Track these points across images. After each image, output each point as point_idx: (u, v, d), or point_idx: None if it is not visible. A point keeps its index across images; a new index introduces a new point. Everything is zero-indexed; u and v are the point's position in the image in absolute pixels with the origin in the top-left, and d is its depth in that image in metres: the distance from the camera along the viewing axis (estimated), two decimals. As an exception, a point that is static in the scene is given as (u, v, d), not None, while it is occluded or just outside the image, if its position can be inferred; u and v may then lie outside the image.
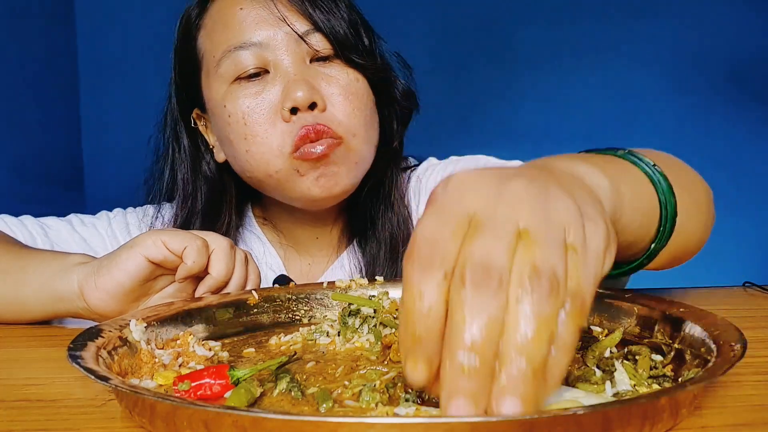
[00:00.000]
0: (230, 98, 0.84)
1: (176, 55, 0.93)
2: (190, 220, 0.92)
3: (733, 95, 2.58)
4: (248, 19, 0.84)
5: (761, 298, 0.84)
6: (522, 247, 0.35)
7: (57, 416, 0.46)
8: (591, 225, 0.37)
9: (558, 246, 0.35)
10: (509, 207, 0.36)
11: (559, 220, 0.36)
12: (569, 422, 0.35)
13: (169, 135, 0.95)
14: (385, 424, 0.34)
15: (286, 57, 0.83)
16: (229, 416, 0.36)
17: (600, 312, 0.63)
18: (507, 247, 0.34)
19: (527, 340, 0.33)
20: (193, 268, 0.68)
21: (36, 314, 0.75)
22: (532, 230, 0.35)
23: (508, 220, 0.35)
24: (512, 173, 0.38)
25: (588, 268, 0.36)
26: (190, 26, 0.90)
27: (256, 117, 0.82)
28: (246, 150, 0.84)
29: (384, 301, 0.66)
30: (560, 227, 0.36)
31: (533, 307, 0.33)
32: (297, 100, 0.80)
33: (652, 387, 0.46)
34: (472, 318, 0.33)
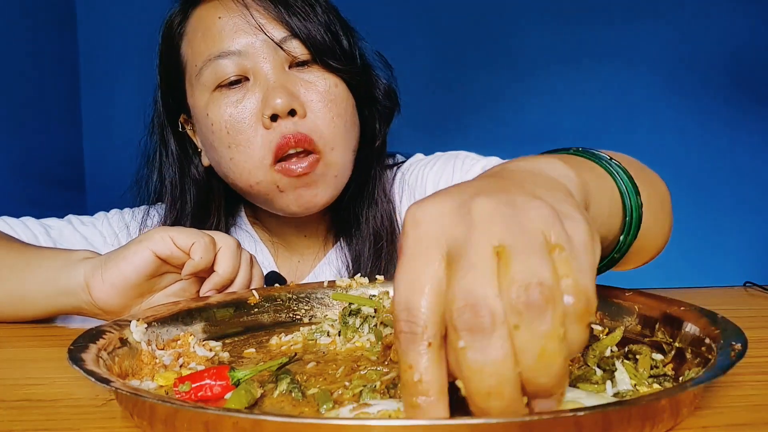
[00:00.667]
0: (212, 107, 0.85)
1: (160, 61, 0.94)
2: (180, 223, 0.93)
3: (734, 96, 2.58)
4: (226, 27, 0.85)
5: (762, 297, 0.84)
6: (503, 267, 0.33)
7: (57, 416, 0.46)
8: (569, 222, 0.35)
9: (539, 252, 0.33)
10: (479, 231, 0.34)
11: (535, 227, 0.34)
12: (569, 423, 0.35)
13: (157, 139, 0.97)
14: (385, 426, 0.34)
15: (264, 64, 0.84)
16: (230, 418, 0.36)
17: (601, 311, 0.63)
18: (489, 276, 0.32)
19: (539, 363, 0.32)
20: (200, 264, 0.69)
21: (40, 308, 0.75)
22: (509, 245, 0.33)
23: (481, 245, 0.33)
24: (472, 192, 0.36)
25: (580, 261, 0.34)
26: (173, 33, 0.91)
27: (238, 126, 0.84)
28: (230, 158, 0.85)
29: (385, 300, 0.66)
30: (537, 233, 0.34)
31: (532, 327, 0.31)
32: (276, 107, 0.81)
33: (652, 386, 0.46)
34: (481, 369, 0.32)
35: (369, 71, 0.93)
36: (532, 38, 2.66)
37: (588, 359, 0.49)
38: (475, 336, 0.31)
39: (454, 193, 0.37)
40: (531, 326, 0.31)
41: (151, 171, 0.97)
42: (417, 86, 0.97)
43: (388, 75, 0.96)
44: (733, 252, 2.46)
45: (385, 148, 0.99)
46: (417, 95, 0.98)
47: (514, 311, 0.31)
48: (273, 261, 0.98)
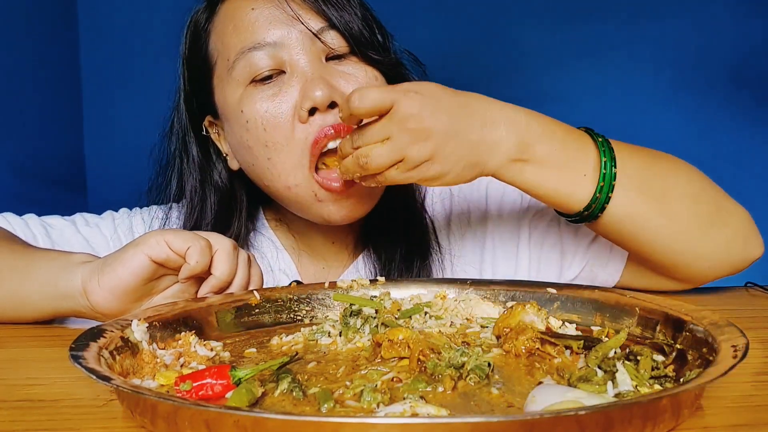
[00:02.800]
0: (247, 102, 0.81)
1: (186, 61, 0.90)
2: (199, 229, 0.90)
3: (735, 96, 2.57)
4: (261, 18, 0.81)
5: (763, 298, 0.84)
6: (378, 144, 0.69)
7: (58, 416, 0.46)
8: (429, 164, 0.69)
9: (386, 158, 0.68)
10: (398, 128, 0.68)
11: (405, 153, 0.68)
12: (571, 422, 0.35)
13: (177, 145, 0.92)
14: (386, 424, 0.34)
15: (301, 56, 0.80)
16: (231, 416, 0.36)
17: (602, 312, 0.63)
18: (371, 139, 0.69)
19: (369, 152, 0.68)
20: (196, 268, 0.68)
21: (39, 312, 0.75)
22: (389, 142, 0.69)
23: (388, 130, 0.68)
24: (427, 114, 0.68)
25: (395, 178, 0.70)
26: (199, 31, 0.88)
27: (274, 121, 0.79)
28: (268, 158, 0.81)
29: (385, 301, 0.66)
30: (400, 154, 0.68)
31: (348, 164, 0.72)
32: (316, 100, 0.77)
33: (653, 387, 0.46)
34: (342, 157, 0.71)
35: (401, 67, 0.90)
36: (536, 38, 2.66)
37: (590, 360, 0.49)
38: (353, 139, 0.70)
39: (427, 107, 0.68)
40: (353, 162, 0.71)
41: (169, 178, 0.93)
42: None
43: (420, 73, 0.92)
44: (734, 253, 2.46)
45: None
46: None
47: (357, 153, 0.70)
48: (295, 267, 0.94)
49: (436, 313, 0.65)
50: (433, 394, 0.46)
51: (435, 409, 0.41)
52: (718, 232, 0.76)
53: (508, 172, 0.72)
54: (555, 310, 0.65)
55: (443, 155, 0.68)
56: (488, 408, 0.44)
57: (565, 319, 0.62)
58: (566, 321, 0.62)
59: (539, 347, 0.53)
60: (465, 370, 0.48)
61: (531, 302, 0.58)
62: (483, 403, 0.44)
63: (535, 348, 0.53)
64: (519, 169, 0.72)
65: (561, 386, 0.44)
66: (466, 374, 0.48)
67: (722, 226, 0.76)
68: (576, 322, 0.63)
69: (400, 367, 0.51)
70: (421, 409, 0.41)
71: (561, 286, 0.67)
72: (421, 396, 0.45)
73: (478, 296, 0.69)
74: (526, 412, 0.41)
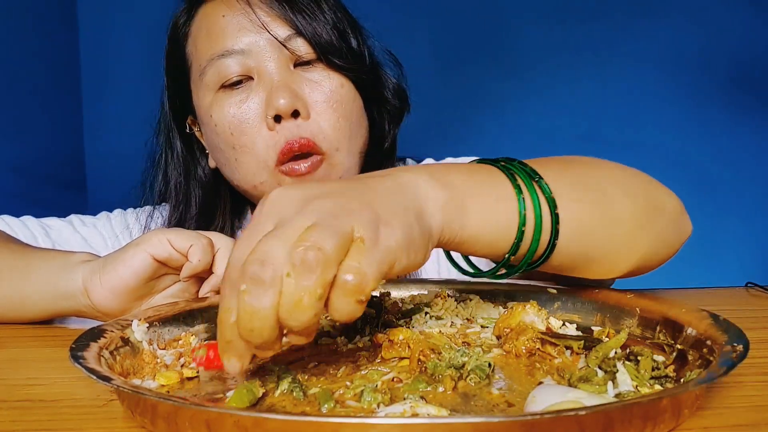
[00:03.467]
0: (216, 107, 0.84)
1: (167, 61, 0.93)
2: (183, 225, 0.92)
3: (737, 96, 2.57)
4: (230, 26, 0.84)
5: (763, 298, 0.84)
6: (302, 235, 0.39)
7: (59, 416, 0.46)
8: (386, 228, 0.42)
9: (336, 232, 0.39)
10: (304, 215, 0.40)
11: (348, 222, 0.40)
12: (571, 422, 0.35)
13: (163, 140, 0.96)
14: (386, 424, 0.34)
15: (269, 63, 0.83)
16: (231, 416, 0.36)
17: (602, 312, 0.63)
18: (286, 242, 0.39)
19: (293, 310, 0.38)
20: (198, 266, 0.68)
21: (39, 311, 0.75)
22: (317, 223, 0.39)
23: (299, 223, 0.40)
24: (322, 192, 0.43)
25: (375, 256, 0.40)
26: (178, 33, 0.90)
27: (241, 126, 0.83)
28: (235, 159, 0.85)
29: (386, 301, 0.66)
30: (347, 225, 0.40)
31: (298, 280, 0.38)
32: (279, 108, 0.80)
33: (654, 388, 0.46)
34: (252, 312, 0.38)
35: (378, 70, 0.91)
36: (535, 38, 2.66)
37: (590, 361, 0.49)
38: (255, 283, 0.38)
39: (312, 188, 0.44)
40: (298, 278, 0.38)
41: (156, 172, 0.97)
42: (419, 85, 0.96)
43: (397, 74, 0.94)
44: (734, 252, 2.46)
45: (395, 150, 0.97)
46: (421, 95, 0.97)
47: (291, 263, 0.38)
48: None
49: (436, 313, 0.65)
50: (433, 394, 0.46)
51: (435, 409, 0.41)
52: (654, 225, 0.64)
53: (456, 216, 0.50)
54: (555, 311, 0.65)
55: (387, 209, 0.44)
56: (489, 408, 0.44)
57: (565, 320, 0.62)
58: (567, 321, 0.62)
59: (540, 347, 0.53)
60: (465, 371, 0.48)
61: (531, 302, 0.58)
62: (483, 404, 0.44)
63: (535, 348, 0.53)
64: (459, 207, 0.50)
65: (561, 386, 0.44)
66: (466, 374, 0.48)
67: (658, 216, 0.65)
68: (576, 322, 0.63)
69: (400, 368, 0.51)
70: (422, 410, 0.41)
71: (561, 286, 0.67)
72: (422, 396, 0.45)
73: (479, 296, 0.69)
74: (527, 412, 0.41)
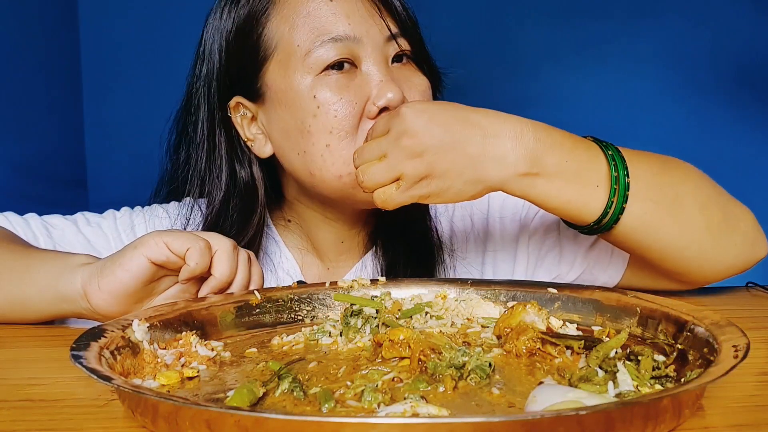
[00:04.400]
0: (321, 88, 0.82)
1: (232, 42, 0.88)
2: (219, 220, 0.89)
3: (740, 96, 2.57)
4: (341, 10, 0.83)
5: (764, 298, 0.84)
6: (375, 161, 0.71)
7: (59, 416, 0.46)
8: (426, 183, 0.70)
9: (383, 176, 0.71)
10: (391, 146, 0.70)
11: (400, 169, 0.69)
12: (572, 422, 0.35)
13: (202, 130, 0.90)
14: (387, 424, 0.34)
15: (376, 54, 0.83)
16: (232, 416, 0.36)
17: (603, 312, 0.63)
18: (369, 157, 0.72)
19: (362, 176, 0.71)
20: (196, 269, 0.68)
21: (39, 314, 0.75)
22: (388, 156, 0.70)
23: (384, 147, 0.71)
24: (426, 134, 0.69)
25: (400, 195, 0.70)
26: (255, 13, 0.87)
27: (346, 111, 0.82)
28: (326, 144, 0.82)
29: (386, 301, 0.66)
30: (396, 171, 0.69)
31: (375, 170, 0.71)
32: (390, 101, 0.80)
33: (654, 387, 0.46)
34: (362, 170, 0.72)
35: (439, 77, 0.94)
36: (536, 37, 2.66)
37: (590, 360, 0.49)
38: (359, 159, 0.73)
39: (429, 126, 0.69)
40: (375, 171, 0.70)
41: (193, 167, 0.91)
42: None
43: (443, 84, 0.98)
44: (735, 253, 2.46)
45: None
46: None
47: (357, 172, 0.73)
48: (299, 269, 0.94)
49: (436, 313, 0.65)
50: (433, 394, 0.46)
51: (436, 409, 0.41)
52: (728, 238, 0.76)
53: (518, 186, 0.71)
54: (556, 310, 0.65)
55: (440, 170, 0.69)
56: (489, 408, 0.44)
57: (565, 319, 0.62)
58: (567, 321, 0.62)
59: (540, 347, 0.53)
60: (466, 370, 0.48)
61: (532, 302, 0.58)
62: (484, 403, 0.44)
63: (535, 348, 0.53)
64: (529, 183, 0.71)
65: (562, 386, 0.44)
66: (466, 374, 0.48)
67: (732, 231, 0.77)
68: (577, 322, 0.63)
69: (400, 367, 0.51)
70: (422, 409, 0.41)
71: (562, 287, 0.67)
72: (422, 396, 0.45)
73: (479, 296, 0.69)
74: (527, 412, 0.41)
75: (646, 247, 0.75)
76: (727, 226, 0.76)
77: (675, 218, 0.74)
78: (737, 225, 0.77)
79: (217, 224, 0.89)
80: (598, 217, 0.72)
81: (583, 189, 0.71)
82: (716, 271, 0.77)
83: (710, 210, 0.75)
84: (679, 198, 0.74)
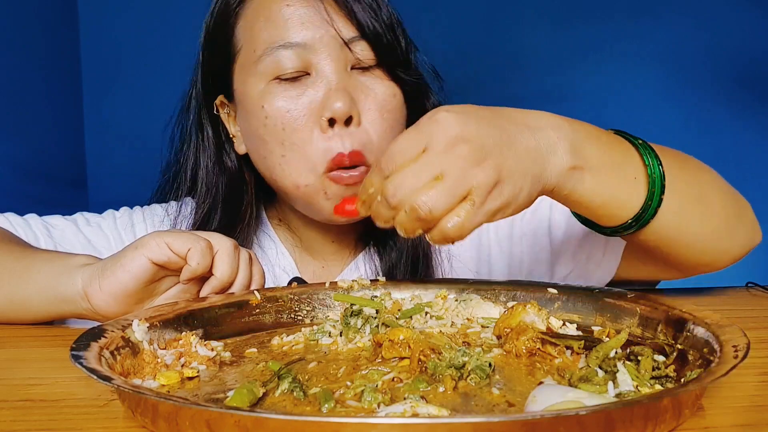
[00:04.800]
0: (269, 98, 0.81)
1: (208, 38, 0.89)
2: (212, 215, 0.90)
3: (739, 96, 2.57)
4: (294, 17, 0.81)
5: (764, 298, 0.84)
6: (431, 184, 0.53)
7: (59, 416, 0.46)
8: (498, 192, 0.55)
9: (452, 194, 0.53)
10: (444, 159, 0.54)
11: (470, 182, 0.54)
12: (572, 422, 0.35)
13: (193, 121, 0.92)
14: (387, 424, 0.34)
15: (329, 62, 0.81)
16: (232, 416, 0.36)
17: (602, 312, 0.63)
18: (418, 184, 0.53)
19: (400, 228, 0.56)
20: (197, 269, 0.68)
21: (39, 314, 0.75)
22: (445, 179, 0.53)
23: (435, 166, 0.54)
24: (473, 135, 0.55)
25: (476, 216, 0.54)
26: (229, 12, 0.86)
27: (294, 124, 0.80)
28: (282, 155, 0.82)
29: (386, 301, 0.66)
30: (467, 185, 0.54)
31: (408, 218, 0.54)
32: (336, 112, 0.78)
33: (654, 388, 0.46)
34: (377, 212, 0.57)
35: (423, 83, 0.90)
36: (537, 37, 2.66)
37: (590, 361, 0.49)
38: (385, 202, 0.55)
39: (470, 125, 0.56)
40: (409, 219, 0.54)
41: (185, 158, 0.93)
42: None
43: (437, 88, 0.92)
44: (735, 253, 2.46)
45: None
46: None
47: (410, 206, 0.53)
48: (295, 266, 0.94)
49: (436, 313, 0.65)
50: (433, 394, 0.46)
51: (436, 409, 0.41)
52: (739, 227, 0.75)
53: (570, 182, 0.62)
54: (556, 310, 0.65)
55: (508, 171, 0.56)
56: (489, 408, 0.44)
57: (565, 319, 0.62)
58: (567, 321, 0.62)
59: (540, 347, 0.53)
60: (466, 371, 0.48)
61: (532, 302, 0.58)
62: (484, 404, 0.44)
63: (535, 348, 0.53)
64: (579, 177, 0.62)
65: (562, 386, 0.44)
66: (466, 374, 0.48)
67: (741, 220, 0.76)
68: (577, 322, 0.63)
69: (400, 367, 0.51)
70: (422, 410, 0.41)
71: (562, 287, 0.67)
72: (422, 396, 0.45)
73: (479, 296, 0.69)
74: (527, 412, 0.41)
75: (675, 241, 0.70)
76: (738, 216, 0.75)
77: (703, 210, 0.71)
78: (746, 213, 0.76)
79: (209, 217, 0.90)
80: (637, 212, 0.66)
81: (624, 182, 0.65)
82: (724, 260, 0.76)
83: (728, 200, 0.74)
84: (703, 190, 0.72)
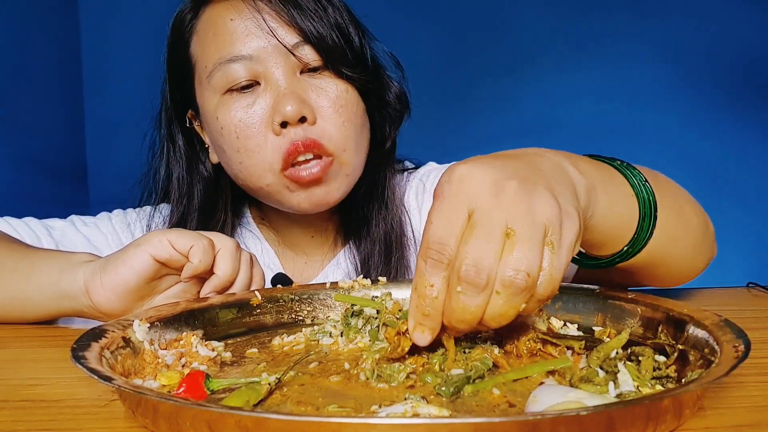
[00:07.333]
0: (222, 110, 0.84)
1: (169, 55, 0.92)
2: (186, 219, 0.93)
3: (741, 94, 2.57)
4: (238, 31, 0.84)
5: (765, 298, 0.84)
6: (508, 246, 0.45)
7: (60, 416, 0.46)
8: (567, 221, 0.47)
9: (536, 245, 0.45)
10: (502, 209, 0.45)
11: (541, 221, 0.45)
12: (572, 423, 0.35)
13: (164, 133, 0.95)
14: (387, 424, 0.34)
15: (276, 69, 0.83)
16: (232, 416, 0.36)
17: (603, 312, 0.63)
18: (495, 250, 0.45)
19: (498, 318, 0.46)
20: (199, 267, 0.68)
21: (41, 311, 0.75)
22: (517, 231, 0.45)
23: (499, 222, 0.45)
24: (509, 173, 0.47)
25: (560, 260, 0.46)
26: (183, 30, 0.90)
27: (247, 131, 0.83)
28: (239, 162, 0.85)
29: (387, 301, 0.66)
30: (541, 227, 0.45)
31: (507, 298, 0.45)
32: (286, 115, 0.81)
33: (655, 388, 0.46)
34: (465, 308, 0.46)
35: (381, 74, 0.92)
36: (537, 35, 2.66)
37: (591, 361, 0.49)
38: (471, 288, 0.45)
39: (496, 167, 0.48)
40: (507, 297, 0.45)
41: (158, 166, 0.96)
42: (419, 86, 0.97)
43: (399, 76, 0.94)
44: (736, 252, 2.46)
45: (395, 151, 0.98)
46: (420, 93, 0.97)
47: (502, 283, 0.45)
48: (279, 262, 0.97)
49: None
50: (434, 394, 0.46)
51: (436, 409, 0.41)
52: (707, 242, 0.75)
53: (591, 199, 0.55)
54: (556, 311, 0.65)
55: (560, 193, 0.48)
56: (490, 408, 0.44)
57: (566, 320, 0.62)
58: (568, 321, 0.62)
59: (541, 348, 0.53)
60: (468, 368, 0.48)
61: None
62: (484, 404, 0.44)
63: (536, 348, 0.53)
64: (593, 195, 0.55)
65: (562, 387, 0.44)
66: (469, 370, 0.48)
67: (707, 234, 0.75)
68: (577, 322, 0.63)
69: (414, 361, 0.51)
70: (422, 410, 0.41)
71: (563, 287, 0.67)
72: (422, 396, 0.45)
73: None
74: (528, 412, 0.41)
75: (662, 258, 0.66)
76: (706, 230, 0.75)
77: (685, 225, 0.69)
78: (709, 227, 0.76)
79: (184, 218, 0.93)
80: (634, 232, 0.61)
81: (625, 199, 0.60)
82: (690, 275, 0.75)
83: (698, 214, 0.74)
84: (680, 204, 0.70)
